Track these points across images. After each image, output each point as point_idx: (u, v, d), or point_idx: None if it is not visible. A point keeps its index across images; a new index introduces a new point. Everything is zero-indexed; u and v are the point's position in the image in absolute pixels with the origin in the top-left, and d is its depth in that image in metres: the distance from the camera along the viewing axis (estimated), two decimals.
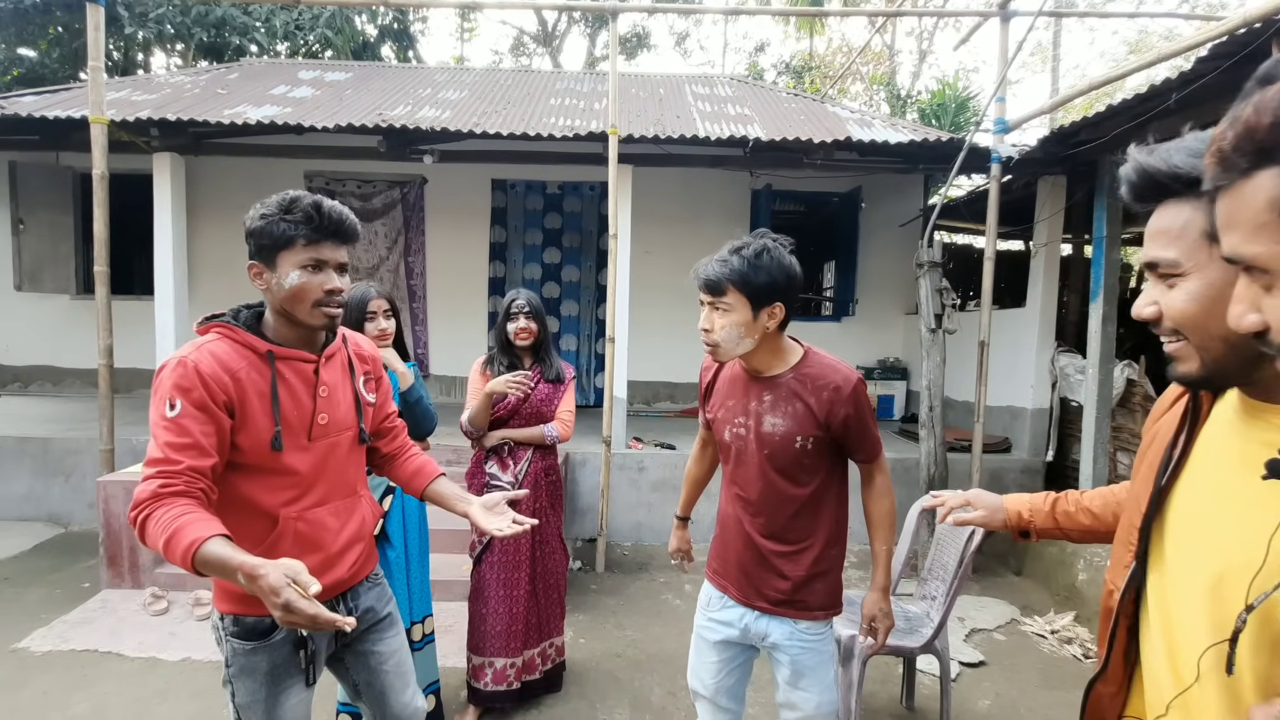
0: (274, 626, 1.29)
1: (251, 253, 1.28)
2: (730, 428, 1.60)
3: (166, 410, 1.16)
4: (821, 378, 1.53)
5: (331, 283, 1.28)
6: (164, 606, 3.32)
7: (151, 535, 1.07)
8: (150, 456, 1.15)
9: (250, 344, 1.28)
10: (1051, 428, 4.73)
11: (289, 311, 1.28)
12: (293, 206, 1.24)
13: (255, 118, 4.73)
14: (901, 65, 18.90)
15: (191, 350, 1.23)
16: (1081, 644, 3.31)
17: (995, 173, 4.14)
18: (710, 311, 1.50)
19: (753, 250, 1.47)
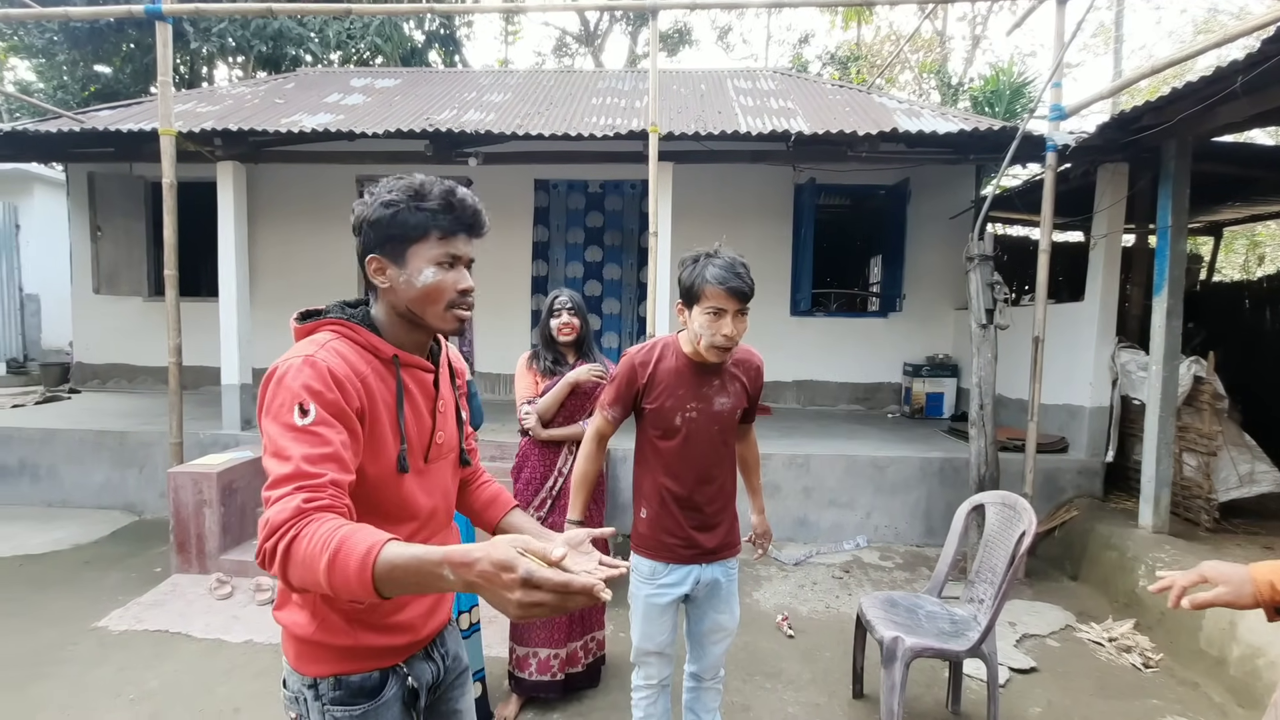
0: (383, 684, 1.11)
1: (372, 245, 1.07)
2: (682, 413, 1.84)
3: (296, 417, 0.94)
4: (746, 360, 1.92)
5: (465, 281, 1.11)
6: (228, 591, 3.50)
7: (305, 557, 0.83)
8: (278, 474, 0.90)
9: (374, 346, 1.09)
10: (1112, 427, 4.52)
11: (416, 313, 1.10)
12: (425, 193, 1.06)
13: (310, 126, 4.92)
14: (953, 52, 18.30)
15: (316, 349, 1.02)
16: (1141, 653, 3.16)
17: (1051, 161, 3.98)
18: (735, 319, 1.71)
19: (743, 262, 1.74)
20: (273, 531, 0.86)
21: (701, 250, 1.75)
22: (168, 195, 4.04)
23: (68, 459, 4.88)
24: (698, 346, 1.77)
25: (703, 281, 1.69)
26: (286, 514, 0.86)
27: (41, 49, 9.89)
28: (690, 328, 1.78)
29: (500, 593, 0.76)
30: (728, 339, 1.70)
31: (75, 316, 7.34)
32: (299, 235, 6.99)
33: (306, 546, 0.83)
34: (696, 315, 1.73)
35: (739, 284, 1.67)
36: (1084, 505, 4.45)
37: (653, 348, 1.90)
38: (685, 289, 1.75)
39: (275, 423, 0.95)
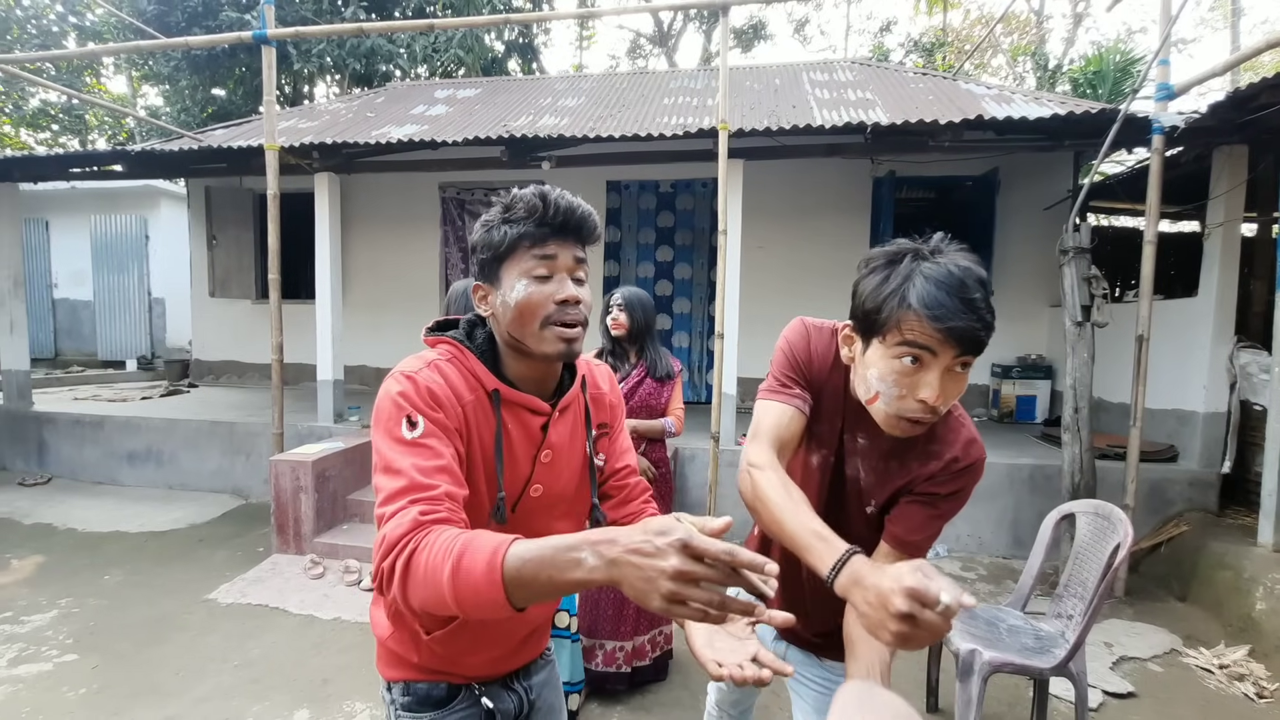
0: (451, 696, 1.06)
1: (476, 274, 1.01)
2: (823, 451, 1.23)
3: (404, 430, 0.89)
4: (950, 455, 1.13)
5: (565, 291, 0.96)
6: (321, 571, 3.76)
7: (427, 570, 0.76)
8: (391, 489, 0.85)
9: (477, 375, 0.99)
10: (1229, 435, 4.11)
11: (516, 338, 0.99)
12: (514, 204, 0.97)
13: (396, 136, 5.21)
14: (1051, 32, 17.14)
15: (421, 366, 0.96)
16: (1255, 681, 2.86)
17: (1157, 145, 3.66)
18: (946, 377, 0.98)
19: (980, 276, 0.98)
20: (390, 549, 0.79)
21: (905, 244, 1.03)
22: (271, 205, 4.39)
23: (186, 446, 5.39)
24: (868, 405, 1.08)
25: (901, 305, 0.97)
26: (403, 528, 0.79)
27: (167, 75, 10.95)
28: (860, 372, 1.08)
29: (652, 566, 0.64)
30: (925, 408, 0.99)
31: (194, 318, 8.09)
32: (385, 241, 7.41)
33: (427, 559, 0.76)
34: (877, 358, 1.02)
35: (970, 321, 0.94)
36: (1195, 520, 4.06)
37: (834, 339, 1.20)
38: (864, 310, 1.03)
39: (385, 437, 0.91)
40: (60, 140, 12.78)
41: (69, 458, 5.62)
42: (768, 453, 1.10)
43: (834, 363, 1.19)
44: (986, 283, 0.99)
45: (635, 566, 0.65)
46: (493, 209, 1.00)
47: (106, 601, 3.41)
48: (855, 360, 1.10)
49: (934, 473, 1.14)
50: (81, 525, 4.56)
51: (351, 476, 4.43)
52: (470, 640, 1.04)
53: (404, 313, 7.36)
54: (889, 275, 1.00)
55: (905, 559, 1.08)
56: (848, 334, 1.11)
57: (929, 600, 0.75)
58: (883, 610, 0.80)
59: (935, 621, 0.76)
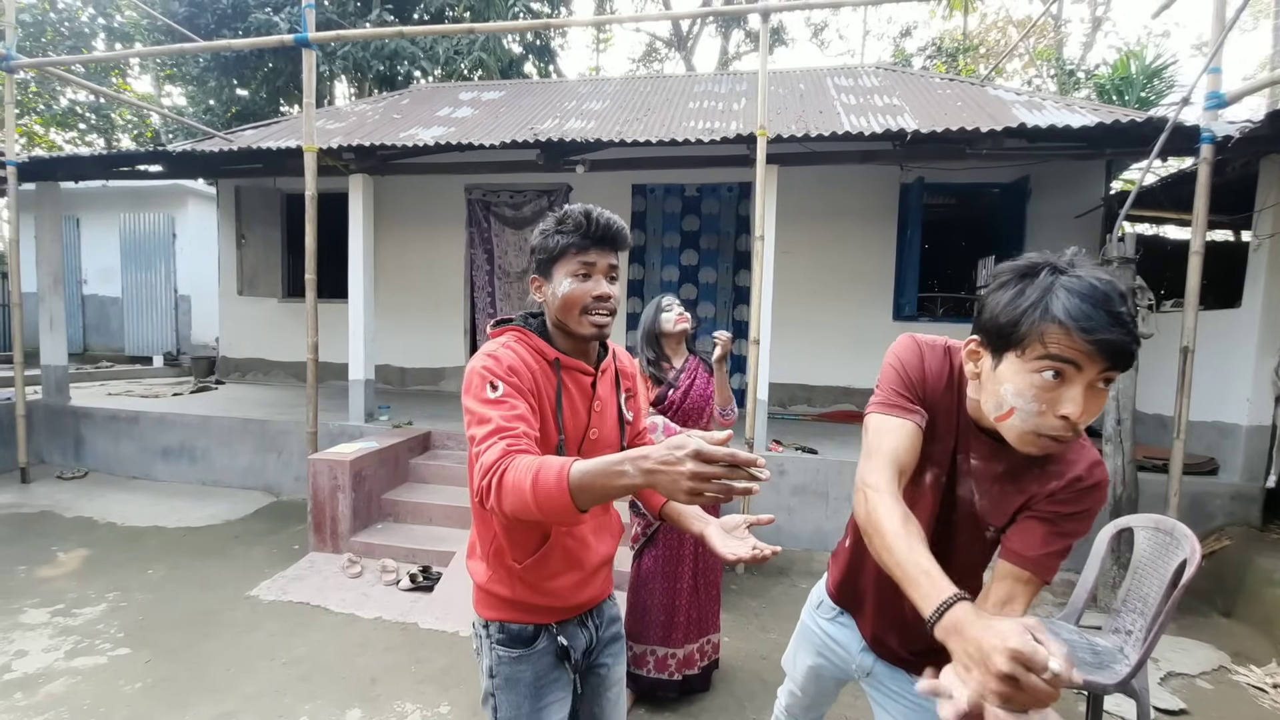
0: (535, 637, 1.32)
1: (533, 268, 1.32)
2: (934, 469, 1.21)
3: (488, 391, 1.15)
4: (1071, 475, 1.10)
5: (600, 289, 1.26)
6: (358, 570, 3.78)
7: (513, 484, 1.00)
8: (483, 432, 1.09)
9: (540, 349, 1.29)
10: (1275, 449, 4.05)
11: (562, 321, 1.29)
12: (565, 218, 1.27)
13: (430, 139, 5.24)
14: (1069, 37, 17.00)
15: (497, 346, 1.25)
16: None
17: (1206, 154, 3.61)
18: (1089, 392, 0.95)
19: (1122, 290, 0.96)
20: (486, 470, 1.04)
21: (1038, 258, 1.01)
22: (310, 206, 4.42)
23: (219, 443, 5.44)
24: (997, 423, 1.04)
25: (1044, 317, 0.94)
26: (496, 455, 1.05)
27: (196, 76, 11.08)
28: (991, 388, 1.04)
29: (674, 470, 0.88)
30: (1067, 425, 0.96)
31: (221, 315, 8.17)
32: (412, 243, 7.45)
33: (513, 476, 1.01)
34: (1012, 373, 0.99)
35: (1119, 334, 0.92)
36: (1238, 534, 4.01)
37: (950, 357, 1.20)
38: (998, 324, 1.00)
39: (473, 399, 1.16)
40: (86, 139, 12.95)
41: (105, 452, 5.69)
42: (887, 475, 1.07)
43: (947, 382, 1.18)
44: (1128, 296, 0.97)
45: (664, 473, 0.89)
46: (548, 220, 1.30)
47: (152, 596, 3.44)
48: (983, 376, 1.06)
49: (1054, 490, 1.10)
50: (120, 519, 4.61)
51: (386, 476, 4.46)
52: (556, 564, 1.31)
53: (429, 314, 7.41)
54: (1024, 289, 0.98)
55: (1025, 576, 1.09)
56: (973, 349, 1.08)
57: (1036, 666, 0.71)
58: (983, 667, 0.75)
59: (1040, 688, 0.71)
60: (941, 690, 0.80)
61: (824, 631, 1.49)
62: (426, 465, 4.77)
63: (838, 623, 1.47)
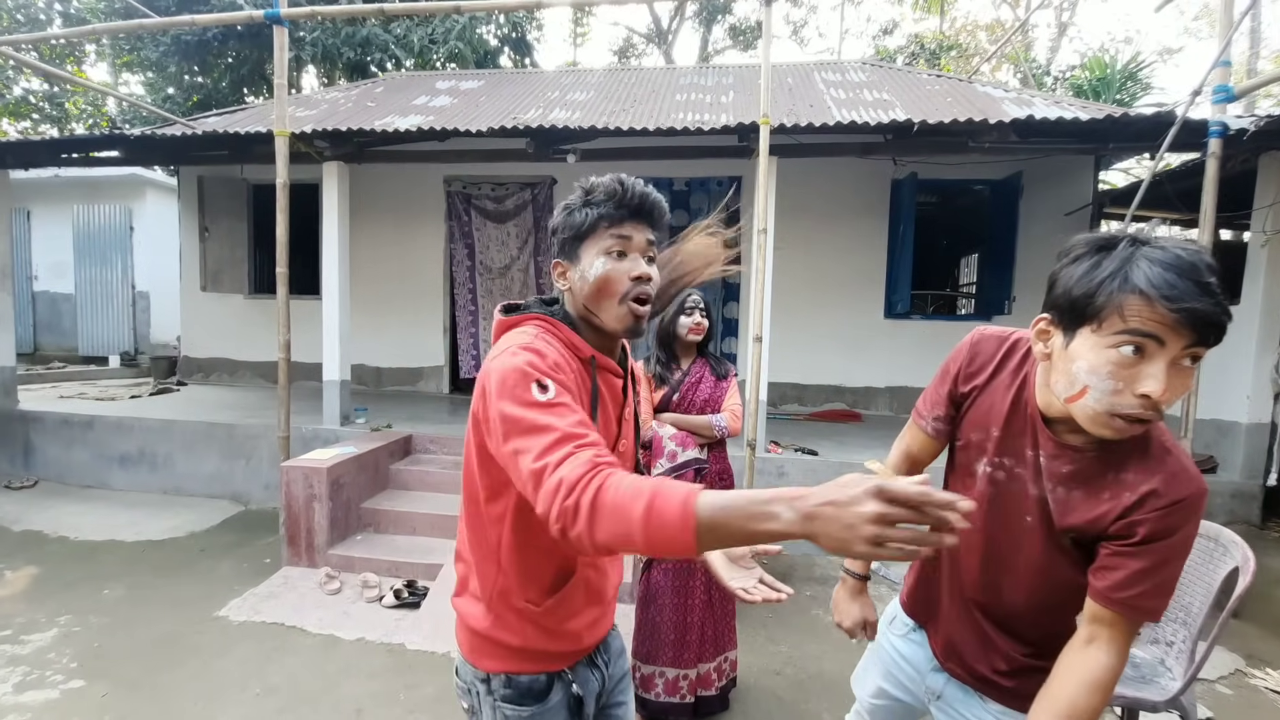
0: (549, 688, 1.12)
1: (555, 251, 1.11)
2: (989, 463, 1.15)
3: (535, 392, 0.92)
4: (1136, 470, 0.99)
5: (639, 268, 1.05)
6: (337, 586, 3.52)
7: (615, 506, 0.77)
8: (545, 441, 0.86)
9: (574, 345, 1.07)
10: (1275, 447, 4.03)
11: (592, 310, 1.07)
12: (593, 189, 1.07)
13: (413, 125, 4.98)
14: (1036, 40, 17.28)
15: (530, 339, 1.01)
16: None
17: (1214, 149, 3.55)
18: (1173, 370, 0.88)
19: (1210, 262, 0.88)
20: (572, 487, 0.81)
21: (1117, 231, 0.94)
22: (281, 195, 4.13)
23: (181, 448, 5.09)
24: (1068, 404, 0.98)
25: (1124, 288, 0.88)
26: (582, 468, 0.82)
27: (155, 61, 10.54)
28: (1063, 367, 0.97)
29: (851, 514, 0.69)
30: (1147, 404, 0.89)
31: (183, 313, 7.74)
32: (387, 236, 7.14)
33: (614, 496, 0.79)
34: (1087, 349, 0.92)
35: (1208, 304, 0.85)
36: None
37: (1007, 344, 1.16)
38: (1072, 298, 0.94)
39: (516, 403, 0.92)
40: (40, 129, 12.27)
41: (56, 459, 5.29)
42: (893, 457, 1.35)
43: (996, 366, 1.16)
44: (1218, 270, 0.88)
45: (832, 517, 0.70)
46: (573, 195, 1.09)
47: (108, 619, 3.14)
48: (1054, 356, 0.99)
49: (1127, 507, 0.98)
50: (74, 533, 4.26)
51: (365, 483, 4.19)
52: (578, 601, 1.12)
53: (406, 311, 7.11)
54: (1101, 260, 0.92)
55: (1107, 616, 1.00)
56: (1042, 328, 1.01)
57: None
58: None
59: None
60: None
61: (894, 649, 1.39)
62: (408, 471, 4.51)
63: (909, 639, 1.37)
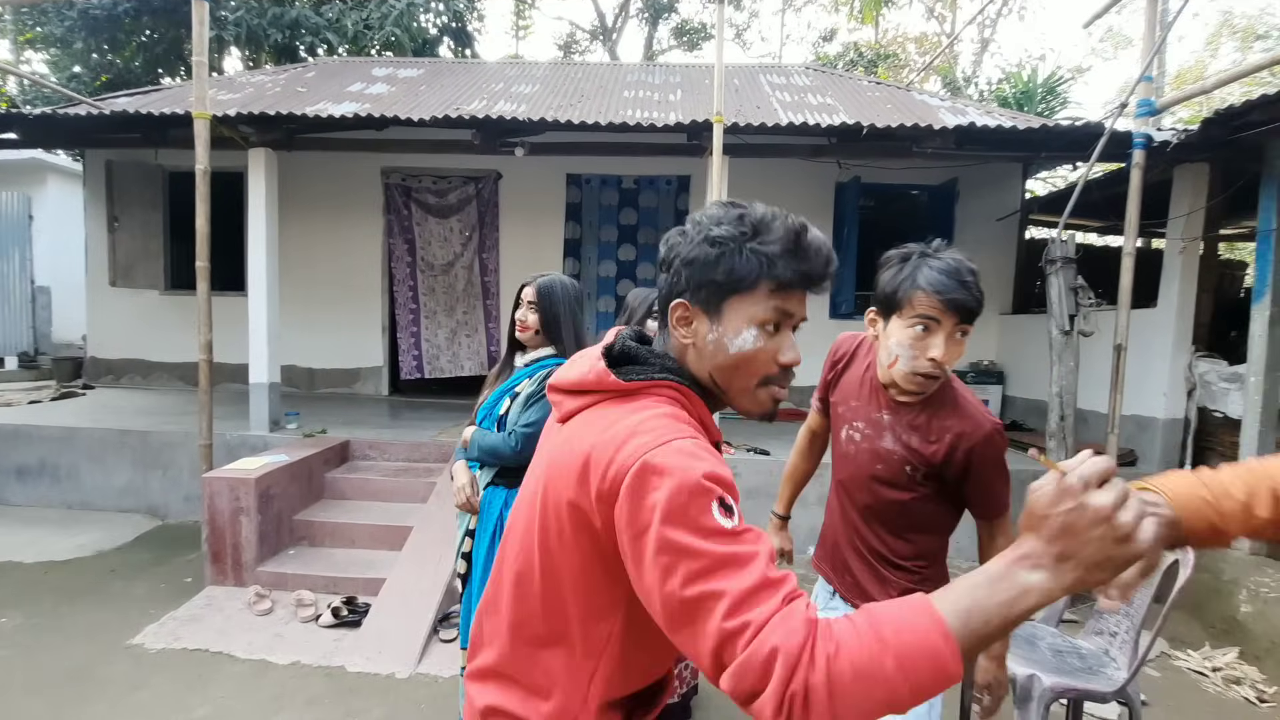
0: None
1: (682, 287, 0.84)
2: (848, 428, 1.52)
3: (720, 518, 0.68)
4: (948, 418, 1.37)
5: (791, 353, 0.84)
6: (268, 606, 3.28)
7: (860, 669, 0.59)
8: (745, 586, 0.64)
9: (705, 425, 0.85)
10: (1189, 440, 4.31)
11: (719, 384, 0.86)
12: (765, 227, 0.81)
13: (349, 111, 4.71)
14: (960, 55, 18.15)
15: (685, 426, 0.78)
16: (1252, 684, 2.95)
17: (1138, 159, 3.76)
18: (949, 341, 1.28)
19: (972, 267, 1.30)
20: (794, 662, 0.59)
21: (914, 247, 1.35)
22: (201, 182, 3.82)
23: (89, 459, 4.64)
24: (890, 371, 1.37)
25: (912, 286, 1.28)
26: (800, 633, 0.61)
27: (60, 37, 9.66)
28: (884, 345, 1.37)
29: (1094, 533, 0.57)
30: (934, 364, 1.28)
31: (90, 310, 7.11)
32: (319, 229, 6.76)
33: (854, 661, 0.59)
34: (895, 329, 1.33)
35: (964, 294, 1.25)
36: None
37: (858, 342, 1.58)
38: (885, 294, 1.34)
39: (694, 532, 0.67)
40: None
41: None
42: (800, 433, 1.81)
43: (851, 354, 1.58)
44: (975, 272, 1.30)
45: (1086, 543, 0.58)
46: (724, 221, 0.82)
47: (6, 651, 2.81)
48: (880, 337, 1.39)
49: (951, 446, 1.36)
50: None
51: (298, 494, 3.93)
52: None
53: (341, 309, 6.75)
54: (902, 267, 1.33)
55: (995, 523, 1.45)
56: (872, 316, 1.41)
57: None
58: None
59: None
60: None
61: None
62: (346, 479, 4.26)
63: (829, 608, 1.60)
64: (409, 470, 4.41)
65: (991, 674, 1.46)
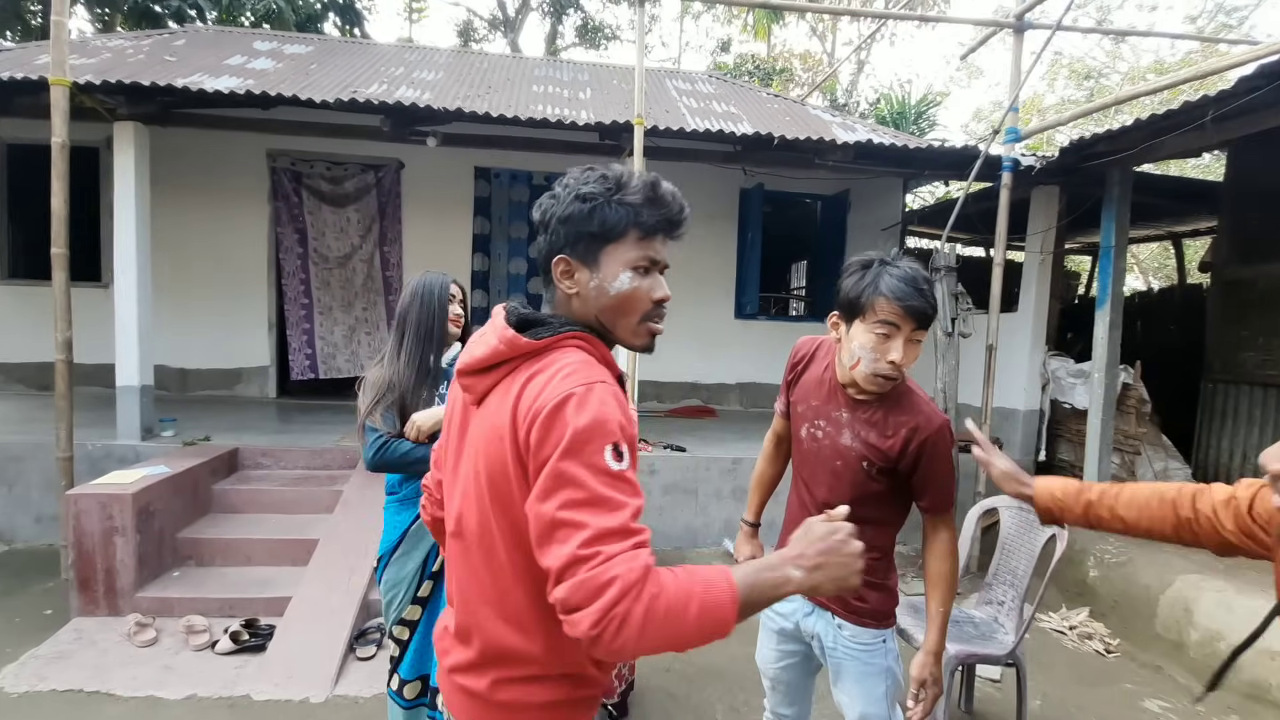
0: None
1: (561, 244, 0.94)
2: (808, 426, 1.60)
3: (611, 461, 0.80)
4: (903, 414, 1.47)
5: (661, 289, 0.97)
6: (152, 636, 2.94)
7: (669, 611, 0.75)
8: (609, 525, 0.77)
9: (609, 364, 0.95)
10: (1044, 429, 4.92)
11: (605, 325, 0.96)
12: (625, 184, 0.93)
13: (239, 87, 4.30)
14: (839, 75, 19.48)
15: (598, 369, 0.89)
16: (1101, 639, 3.43)
17: (1007, 180, 4.24)
18: (907, 344, 1.40)
19: (927, 277, 1.44)
20: (625, 592, 0.73)
21: (874, 255, 1.46)
22: (59, 158, 3.34)
23: None
24: (851, 372, 1.45)
25: (874, 293, 1.38)
26: (638, 572, 0.75)
27: None
28: (846, 348, 1.46)
29: (843, 553, 0.84)
30: (894, 366, 1.39)
31: None
32: (195, 215, 6.11)
33: (668, 604, 0.75)
34: (858, 333, 1.42)
35: (921, 302, 1.37)
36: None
37: (816, 344, 1.65)
38: (848, 300, 1.43)
39: (585, 467, 0.79)
40: None
41: None
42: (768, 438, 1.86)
43: (810, 356, 1.65)
44: (930, 281, 1.44)
45: (831, 564, 0.83)
46: (587, 179, 0.93)
47: None
48: (841, 340, 1.49)
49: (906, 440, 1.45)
50: None
51: (182, 509, 3.55)
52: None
53: (220, 303, 6.14)
54: (864, 275, 1.43)
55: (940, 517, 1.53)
56: (834, 320, 1.50)
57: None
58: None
59: None
60: None
61: (775, 612, 1.69)
62: (236, 491, 3.90)
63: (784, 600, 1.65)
64: (310, 478, 4.11)
65: (928, 669, 1.49)
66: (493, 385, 0.92)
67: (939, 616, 1.52)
